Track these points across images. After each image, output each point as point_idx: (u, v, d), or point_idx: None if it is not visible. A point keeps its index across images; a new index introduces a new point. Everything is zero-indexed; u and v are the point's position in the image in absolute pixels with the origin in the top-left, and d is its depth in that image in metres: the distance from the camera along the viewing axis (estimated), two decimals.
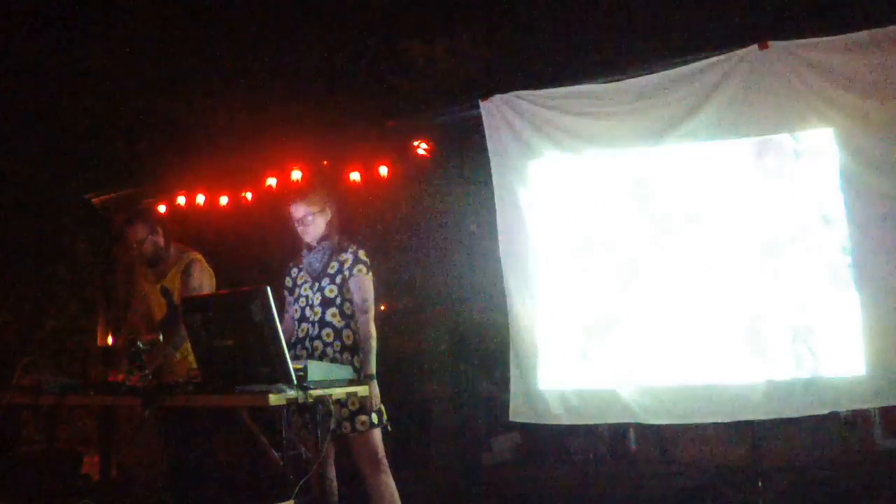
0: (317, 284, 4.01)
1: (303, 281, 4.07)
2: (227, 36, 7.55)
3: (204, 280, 4.46)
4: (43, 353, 7.47)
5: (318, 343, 3.93)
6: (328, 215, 4.03)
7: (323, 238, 4.03)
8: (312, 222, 4.00)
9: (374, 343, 3.89)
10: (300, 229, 4.03)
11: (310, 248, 4.07)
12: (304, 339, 3.98)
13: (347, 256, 3.99)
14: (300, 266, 4.11)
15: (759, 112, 4.47)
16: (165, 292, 4.34)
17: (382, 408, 3.93)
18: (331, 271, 3.99)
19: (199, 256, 4.56)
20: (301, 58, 7.55)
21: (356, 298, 3.95)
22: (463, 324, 6.27)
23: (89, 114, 7.85)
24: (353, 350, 3.94)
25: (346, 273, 3.97)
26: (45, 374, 4.18)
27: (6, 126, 7.58)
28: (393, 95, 7.03)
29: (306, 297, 4.03)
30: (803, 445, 5.63)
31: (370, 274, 4.00)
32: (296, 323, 4.05)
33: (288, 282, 4.13)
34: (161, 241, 4.51)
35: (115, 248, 4.57)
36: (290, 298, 4.11)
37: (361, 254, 4.01)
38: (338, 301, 3.96)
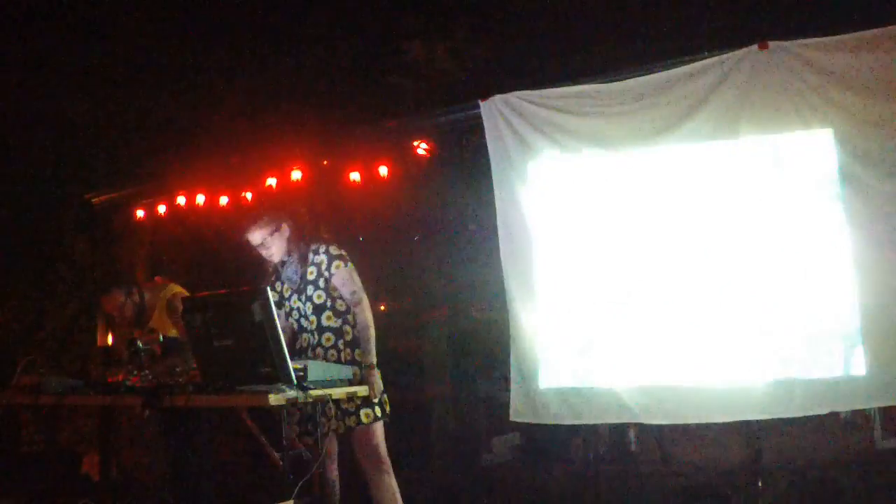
0: (303, 295, 3.99)
1: (289, 293, 4.05)
2: (227, 36, 7.55)
3: None
4: (43, 353, 7.44)
5: (319, 350, 3.95)
6: (285, 231, 3.99)
7: (289, 251, 4.01)
8: (272, 244, 3.97)
9: (371, 332, 3.89)
10: (264, 254, 4.00)
11: (281, 262, 4.05)
12: (306, 348, 3.99)
13: (322, 258, 3.98)
14: (281, 279, 4.08)
15: (759, 112, 4.46)
16: (153, 332, 4.37)
17: (385, 399, 3.93)
18: (311, 277, 3.98)
19: (177, 288, 4.59)
20: (301, 58, 7.55)
21: (345, 293, 3.95)
22: (463, 324, 6.27)
23: (89, 114, 7.84)
24: (354, 344, 3.95)
25: (327, 274, 3.96)
26: (45, 374, 4.18)
27: (6, 126, 7.58)
28: (393, 95, 7.03)
29: (297, 308, 4.02)
30: (803, 445, 5.64)
31: (350, 264, 3.98)
32: (297, 334, 4.04)
33: (274, 296, 3.99)
34: (137, 297, 4.61)
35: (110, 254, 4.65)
36: (280, 313, 3.98)
37: (333, 249, 3.99)
38: (328, 303, 3.97)
